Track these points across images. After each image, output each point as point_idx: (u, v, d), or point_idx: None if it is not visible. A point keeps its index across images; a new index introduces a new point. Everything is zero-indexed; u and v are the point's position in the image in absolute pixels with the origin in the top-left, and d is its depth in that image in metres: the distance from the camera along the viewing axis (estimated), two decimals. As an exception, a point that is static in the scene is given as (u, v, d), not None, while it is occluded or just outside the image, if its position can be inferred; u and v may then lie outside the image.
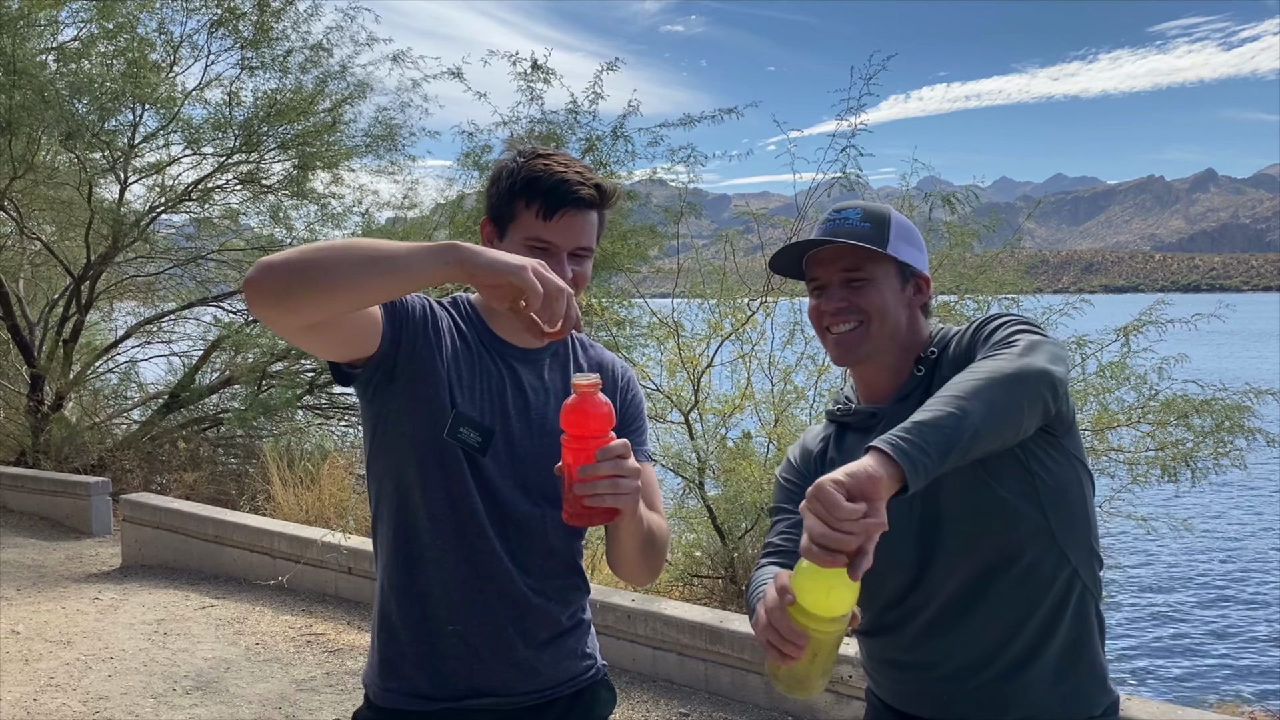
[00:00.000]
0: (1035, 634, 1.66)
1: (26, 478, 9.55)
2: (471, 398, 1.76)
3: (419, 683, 1.78)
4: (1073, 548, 1.67)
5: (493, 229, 1.80)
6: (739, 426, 6.64)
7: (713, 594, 6.24)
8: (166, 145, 11.19)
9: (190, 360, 11.98)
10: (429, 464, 1.75)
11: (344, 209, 11.62)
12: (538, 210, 1.73)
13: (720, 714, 4.56)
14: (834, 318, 1.78)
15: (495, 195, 1.79)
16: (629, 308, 9.17)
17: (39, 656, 5.43)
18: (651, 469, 1.97)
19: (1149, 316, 5.95)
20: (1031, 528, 1.64)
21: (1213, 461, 5.53)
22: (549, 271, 1.50)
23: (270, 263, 1.49)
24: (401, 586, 1.81)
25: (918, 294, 1.82)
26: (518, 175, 1.75)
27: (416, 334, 1.74)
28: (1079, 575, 1.68)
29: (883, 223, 1.78)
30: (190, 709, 4.73)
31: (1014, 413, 1.45)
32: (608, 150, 8.38)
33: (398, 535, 1.81)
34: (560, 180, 1.72)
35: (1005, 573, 1.65)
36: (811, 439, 1.95)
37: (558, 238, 1.74)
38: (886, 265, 1.77)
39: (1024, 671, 1.66)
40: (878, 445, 1.36)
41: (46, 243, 11.69)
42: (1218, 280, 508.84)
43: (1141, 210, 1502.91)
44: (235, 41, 10.58)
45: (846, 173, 6.27)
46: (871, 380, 1.83)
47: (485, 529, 1.76)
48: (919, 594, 1.69)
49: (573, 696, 1.87)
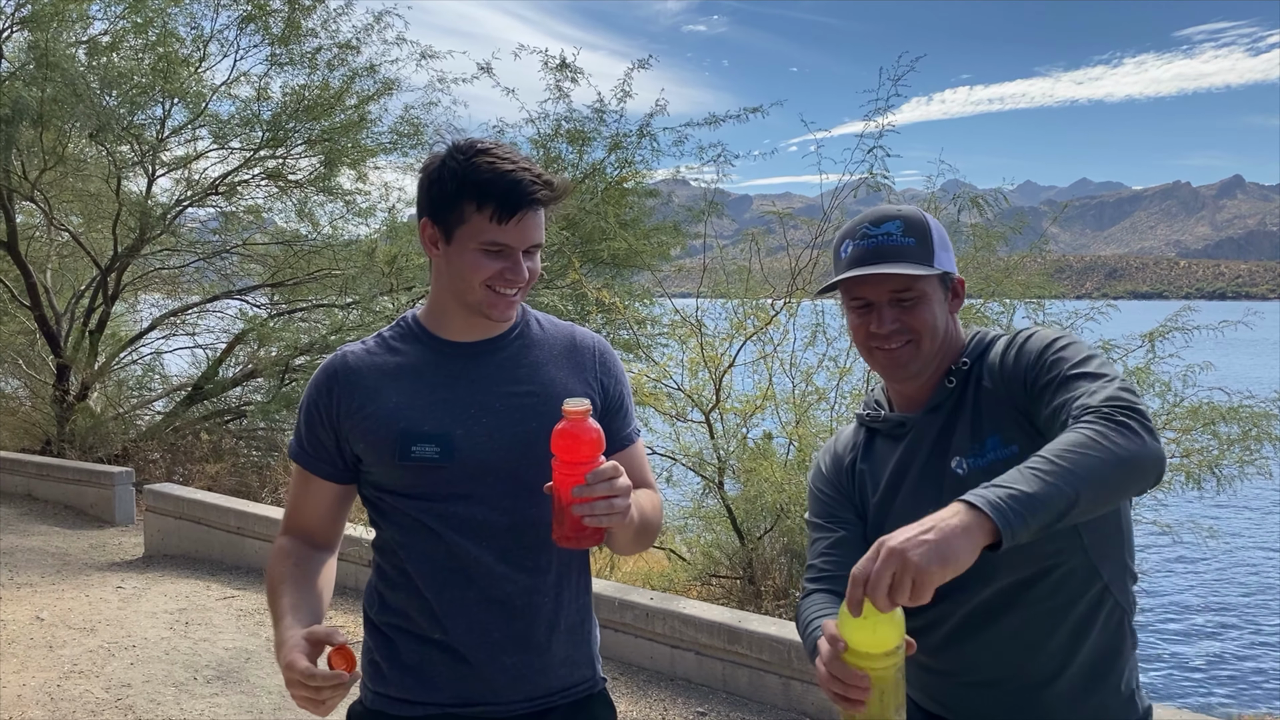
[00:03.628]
0: (1063, 647, 1.65)
1: (52, 466, 9.65)
2: (420, 414, 1.74)
3: (405, 688, 1.76)
4: (1106, 563, 1.66)
5: (436, 230, 1.74)
6: (760, 427, 6.62)
7: (731, 594, 6.23)
8: (194, 139, 11.31)
9: (214, 353, 12.08)
10: (397, 493, 1.76)
11: (369, 205, 11.69)
12: (492, 214, 1.67)
13: (738, 714, 4.56)
14: (888, 338, 1.72)
15: (439, 196, 1.71)
16: (650, 306, 9.18)
17: (62, 643, 5.49)
18: (641, 445, 1.93)
19: (1175, 323, 5.90)
20: (1065, 542, 1.62)
21: (1238, 469, 5.48)
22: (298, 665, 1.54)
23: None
24: (384, 593, 1.81)
25: (955, 298, 1.78)
26: (464, 176, 1.68)
27: (341, 440, 1.79)
28: (1110, 590, 1.66)
29: (925, 234, 1.72)
30: (211, 698, 4.77)
31: (1119, 496, 1.44)
32: (633, 149, 8.39)
33: (378, 542, 1.84)
34: (515, 181, 1.66)
35: (1036, 585, 1.64)
36: (842, 446, 1.91)
37: (514, 239, 1.69)
38: (933, 279, 1.72)
39: (1052, 684, 1.65)
40: (977, 504, 1.33)
41: (74, 234, 11.81)
42: (1244, 288, 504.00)
43: (1167, 216, 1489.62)
44: (264, 38, 10.66)
45: (874, 173, 6.25)
46: (904, 389, 1.81)
47: (464, 533, 1.73)
48: (948, 602, 1.67)
49: (570, 708, 1.81)
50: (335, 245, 11.52)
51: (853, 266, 1.72)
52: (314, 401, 1.80)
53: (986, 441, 1.66)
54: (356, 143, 10.90)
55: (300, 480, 1.85)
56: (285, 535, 1.86)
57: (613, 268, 9.59)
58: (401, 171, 11.71)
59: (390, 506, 1.78)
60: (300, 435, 1.83)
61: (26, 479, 9.81)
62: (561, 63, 8.28)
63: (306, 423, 1.81)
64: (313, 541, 1.85)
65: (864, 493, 1.82)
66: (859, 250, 1.73)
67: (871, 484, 1.81)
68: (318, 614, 1.73)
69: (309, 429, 1.81)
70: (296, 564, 1.79)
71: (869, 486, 1.81)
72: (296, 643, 1.58)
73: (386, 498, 1.78)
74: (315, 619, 1.70)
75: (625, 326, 7.76)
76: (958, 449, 1.69)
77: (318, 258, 11.58)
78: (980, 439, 1.67)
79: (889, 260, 1.69)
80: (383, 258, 10.56)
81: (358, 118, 10.85)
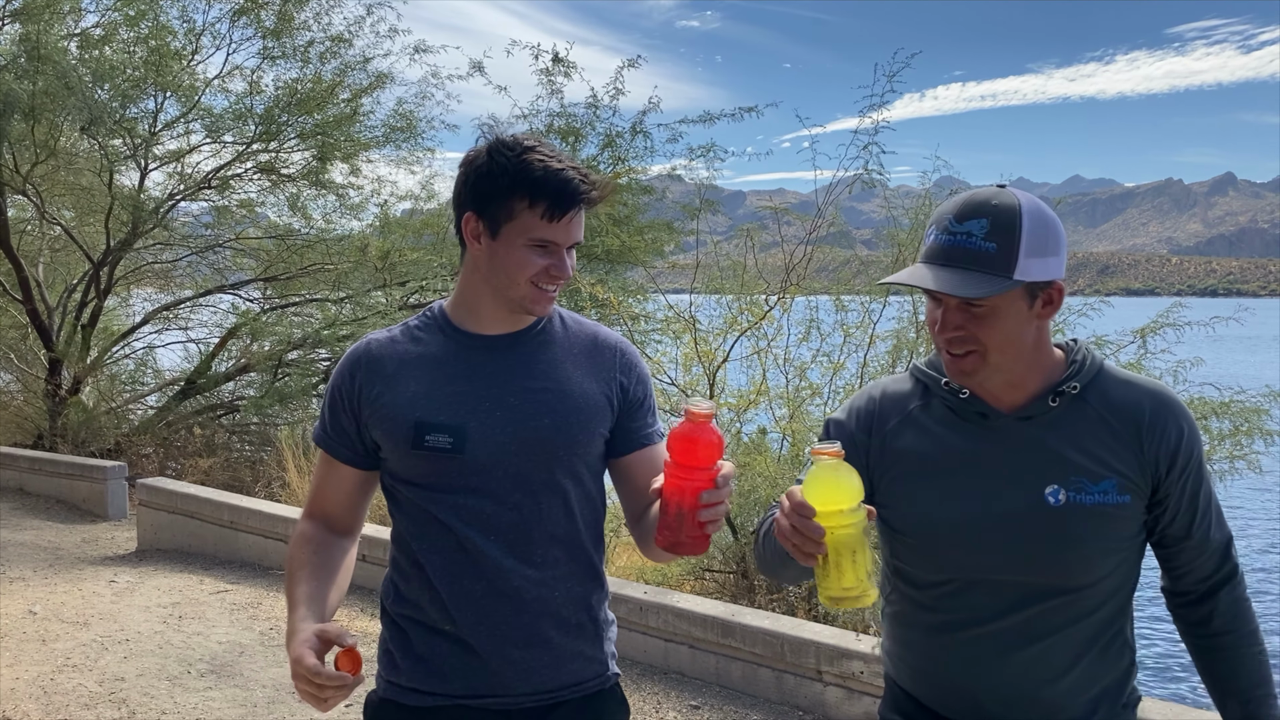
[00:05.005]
0: (1076, 646, 1.65)
1: (44, 461, 9.63)
2: (437, 404, 1.75)
3: (417, 678, 1.78)
4: (1126, 588, 1.69)
5: (481, 225, 1.74)
6: (754, 422, 6.64)
7: (725, 588, 6.25)
8: (187, 133, 11.28)
9: (207, 347, 12.06)
10: (410, 483, 1.79)
11: (362, 199, 11.68)
12: (543, 211, 1.69)
13: (731, 707, 4.57)
14: (950, 343, 1.60)
15: (487, 190, 1.72)
16: (645, 301, 9.18)
17: (55, 637, 5.48)
18: (663, 446, 1.92)
19: (1166, 319, 5.93)
20: (1103, 575, 1.65)
21: (1229, 464, 5.51)
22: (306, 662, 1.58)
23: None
24: (399, 584, 1.83)
25: (1047, 306, 1.61)
26: (516, 173, 1.69)
27: (361, 426, 1.81)
28: (1123, 589, 1.68)
29: (1012, 237, 1.54)
30: (204, 691, 4.77)
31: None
32: (627, 146, 8.39)
33: (395, 534, 1.86)
34: (566, 180, 1.69)
35: (1052, 597, 1.64)
36: (889, 402, 1.76)
37: (562, 237, 1.72)
38: (1013, 291, 1.56)
39: (1059, 680, 1.65)
40: None
41: (66, 228, 11.76)
42: (1235, 285, 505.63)
43: (1159, 213, 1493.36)
44: (257, 31, 10.63)
45: (868, 169, 6.25)
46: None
47: (473, 526, 1.74)
48: (975, 624, 1.69)
49: (580, 703, 1.82)
50: (328, 239, 11.50)
51: (925, 260, 1.61)
52: (338, 387, 1.84)
53: (1102, 483, 1.60)
54: (349, 136, 10.88)
55: (324, 464, 1.89)
56: (308, 519, 1.90)
57: (606, 263, 9.59)
58: (395, 165, 11.72)
59: (404, 497, 1.81)
60: (325, 420, 1.87)
61: (19, 473, 9.78)
62: (555, 57, 8.27)
63: (330, 408, 1.85)
64: (333, 526, 1.88)
65: (891, 459, 1.72)
66: (934, 246, 1.60)
67: (909, 457, 1.70)
68: (333, 605, 1.77)
69: (332, 414, 1.85)
70: (316, 551, 1.83)
71: (903, 458, 1.71)
72: (307, 638, 1.62)
73: (401, 487, 1.81)
74: (330, 610, 1.74)
75: (620, 322, 7.77)
76: (1053, 475, 1.61)
77: (310, 252, 11.56)
78: (1095, 477, 1.60)
79: (959, 264, 1.56)
80: (375, 252, 10.55)
81: (350, 111, 10.83)
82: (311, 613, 1.70)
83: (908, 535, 1.70)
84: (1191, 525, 1.65)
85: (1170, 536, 1.67)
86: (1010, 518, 1.61)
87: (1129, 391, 1.65)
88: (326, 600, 1.76)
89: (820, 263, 7.02)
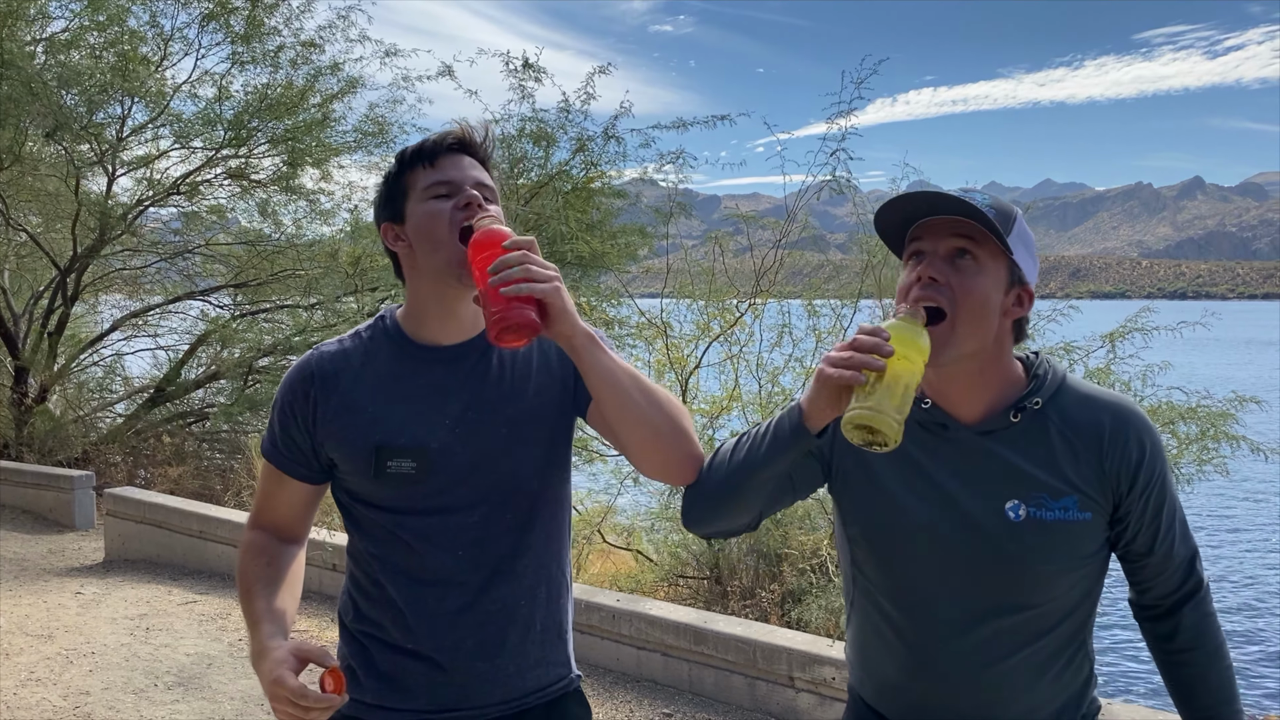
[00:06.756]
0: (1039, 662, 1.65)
1: (9, 470, 9.48)
2: (396, 426, 1.71)
3: (381, 695, 1.76)
4: (1086, 604, 1.68)
5: (394, 225, 1.75)
6: (727, 427, 6.64)
7: (698, 594, 6.25)
8: (155, 139, 11.17)
9: (176, 354, 11.94)
10: (371, 504, 1.75)
11: (333, 205, 11.61)
12: (426, 161, 1.72)
13: (703, 714, 4.56)
14: (923, 290, 1.55)
15: (388, 191, 1.76)
16: (618, 307, 9.17)
17: (19, 651, 5.40)
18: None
19: (1135, 323, 5.98)
20: (1063, 594, 1.65)
21: (1197, 468, 5.56)
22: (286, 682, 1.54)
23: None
24: (358, 601, 1.81)
25: (1017, 305, 1.61)
26: (400, 159, 1.75)
27: (316, 444, 1.76)
28: (1084, 604, 1.68)
29: (1007, 216, 1.58)
30: (171, 704, 4.71)
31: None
32: (599, 150, 8.38)
33: (352, 550, 1.82)
34: (441, 133, 1.74)
35: (1014, 613, 1.63)
36: None
37: (455, 174, 1.71)
38: (999, 259, 1.57)
39: (1021, 698, 1.65)
40: None
41: (32, 234, 11.62)
42: (1204, 287, 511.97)
43: (1129, 217, 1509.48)
44: (226, 36, 10.55)
45: (836, 175, 6.27)
46: (937, 382, 1.65)
47: (437, 543, 1.72)
48: (937, 633, 1.68)
49: (546, 707, 1.82)
50: (299, 245, 11.41)
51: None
52: (289, 403, 1.77)
53: (1063, 499, 1.59)
54: (320, 141, 10.79)
55: (272, 478, 1.83)
56: (255, 529, 1.85)
57: (579, 269, 9.57)
58: (366, 171, 11.64)
59: (364, 516, 1.77)
60: (275, 434, 1.79)
61: (-17, 483, 9.64)
62: (525, 63, 8.24)
63: (281, 423, 1.78)
64: (282, 535, 1.84)
65: (850, 464, 1.71)
66: (930, 190, 1.60)
67: (869, 463, 1.68)
68: (291, 616, 1.73)
69: (284, 429, 1.78)
70: (270, 562, 1.78)
71: (863, 464, 1.69)
72: (284, 658, 1.57)
73: (360, 507, 1.77)
74: (289, 624, 1.70)
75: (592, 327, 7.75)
76: (1014, 491, 1.60)
77: (281, 258, 11.46)
78: (1056, 493, 1.59)
79: (962, 207, 1.55)
80: (346, 258, 10.48)
81: (321, 116, 10.75)
82: (278, 629, 1.66)
83: (865, 542, 1.70)
84: (1155, 541, 1.65)
85: (1133, 552, 1.66)
86: (970, 531, 1.61)
87: (1090, 406, 1.64)
88: (287, 613, 1.72)
89: (791, 267, 7.04)
